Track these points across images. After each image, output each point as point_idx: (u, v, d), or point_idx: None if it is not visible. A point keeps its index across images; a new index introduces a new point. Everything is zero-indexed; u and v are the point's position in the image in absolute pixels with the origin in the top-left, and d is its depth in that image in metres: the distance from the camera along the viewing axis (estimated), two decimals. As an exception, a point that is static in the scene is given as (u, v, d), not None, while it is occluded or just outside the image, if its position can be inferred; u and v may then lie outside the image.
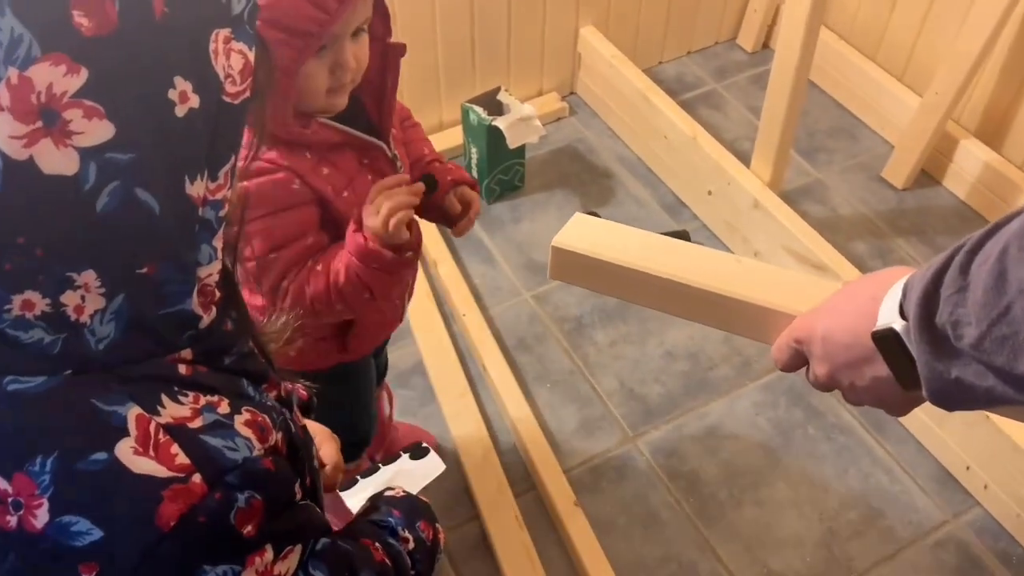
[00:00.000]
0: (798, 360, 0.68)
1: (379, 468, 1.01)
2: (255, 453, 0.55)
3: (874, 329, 0.57)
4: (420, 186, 1.01)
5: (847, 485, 1.63)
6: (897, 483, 1.64)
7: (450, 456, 1.66)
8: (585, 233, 0.81)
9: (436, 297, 1.91)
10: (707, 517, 1.59)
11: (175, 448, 0.51)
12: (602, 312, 1.91)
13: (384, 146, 1.06)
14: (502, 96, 2.05)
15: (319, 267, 1.02)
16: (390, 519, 0.79)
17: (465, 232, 1.21)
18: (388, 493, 0.84)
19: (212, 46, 0.50)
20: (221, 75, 0.51)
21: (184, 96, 0.49)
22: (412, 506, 0.82)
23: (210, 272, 0.56)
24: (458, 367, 1.77)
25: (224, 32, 0.50)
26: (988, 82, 2.06)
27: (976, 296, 0.49)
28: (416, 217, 1.03)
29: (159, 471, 0.50)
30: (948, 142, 2.11)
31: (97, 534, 0.49)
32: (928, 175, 2.18)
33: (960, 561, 1.53)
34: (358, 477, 1.00)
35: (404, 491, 0.85)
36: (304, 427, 0.71)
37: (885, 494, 1.62)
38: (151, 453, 0.51)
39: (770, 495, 1.62)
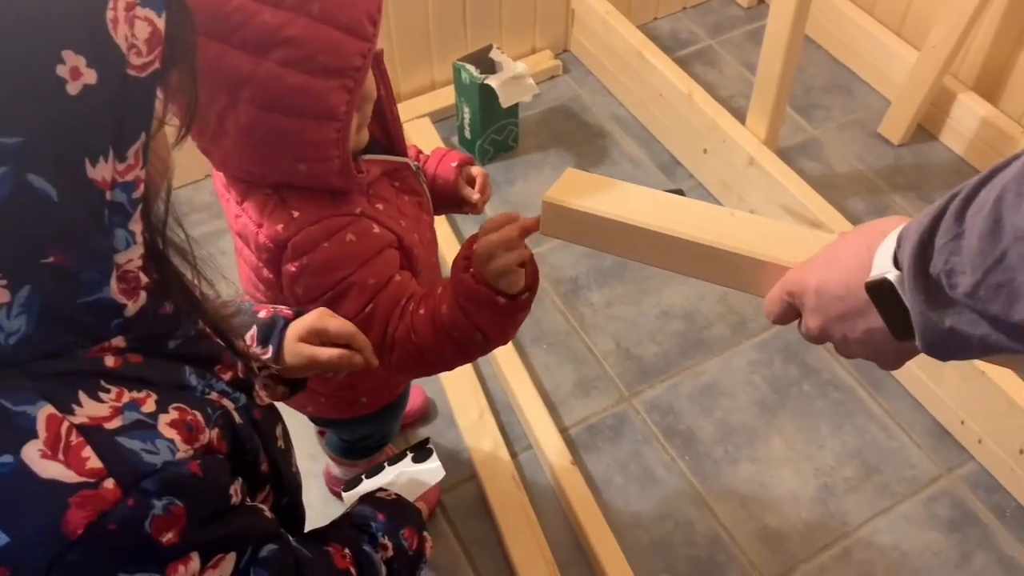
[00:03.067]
0: (791, 313, 0.68)
1: (384, 467, 1.01)
2: (178, 456, 0.53)
3: (868, 279, 0.57)
4: (534, 222, 0.86)
5: (842, 441, 1.65)
6: (892, 439, 1.65)
7: (446, 416, 1.67)
8: (577, 187, 0.81)
9: (430, 259, 1.90)
10: (703, 475, 1.61)
11: (87, 451, 0.49)
12: (598, 273, 1.91)
13: (408, 161, 1.01)
14: (494, 54, 2.03)
15: (422, 311, 0.92)
16: (373, 523, 0.77)
17: (484, 206, 1.16)
18: (379, 494, 0.82)
19: (110, 15, 0.47)
20: (123, 46, 0.48)
21: (76, 72, 0.46)
22: (400, 511, 0.80)
23: (129, 257, 0.53)
24: (453, 329, 1.77)
25: None
26: (986, 36, 2.05)
27: (971, 244, 0.49)
28: (529, 252, 0.89)
29: (67, 476, 0.48)
30: (945, 97, 2.10)
31: (3, 539, 0.47)
32: (925, 131, 2.18)
33: (955, 514, 1.55)
34: (363, 477, 1.00)
35: (396, 495, 0.83)
36: (269, 406, 0.68)
37: (880, 450, 1.64)
38: (60, 456, 0.48)
39: (765, 452, 1.64)
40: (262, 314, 0.85)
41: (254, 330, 0.84)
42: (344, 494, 0.99)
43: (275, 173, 0.88)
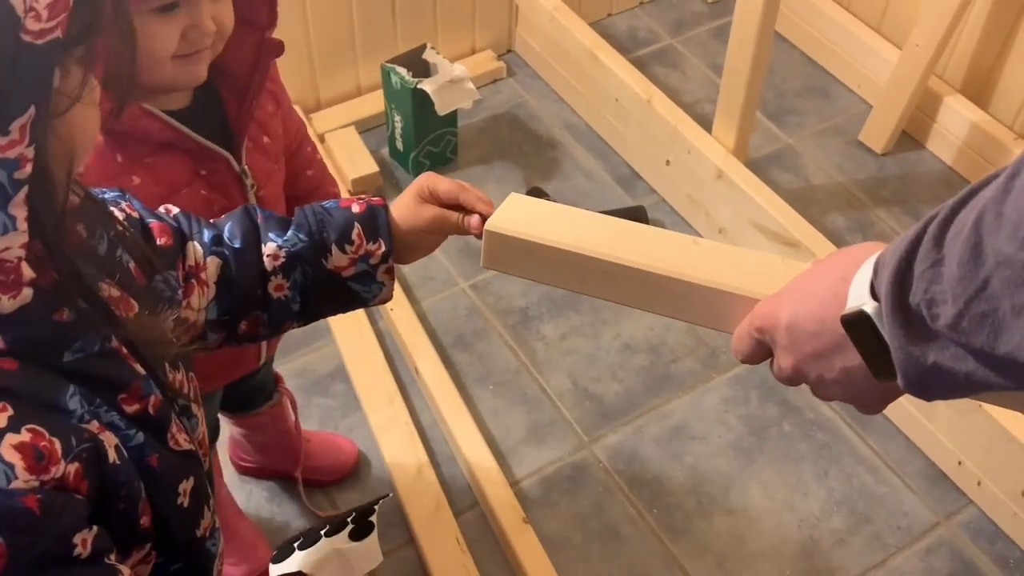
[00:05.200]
0: (761, 351, 0.69)
1: (320, 537, 1.00)
2: (13, 486, 0.51)
3: (843, 312, 0.58)
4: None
5: (828, 488, 1.67)
6: (883, 483, 1.68)
7: (379, 473, 1.65)
8: (522, 214, 0.81)
9: (358, 290, 1.89)
10: (673, 530, 1.61)
11: None
12: (550, 302, 1.91)
13: (230, 157, 1.01)
14: (429, 55, 2.04)
15: None
16: None
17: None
18: None
19: None
20: (19, 8, 0.48)
21: None
22: None
23: (7, 245, 0.52)
24: (386, 370, 1.76)
25: None
26: (973, 31, 2.11)
27: (951, 271, 0.50)
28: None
29: None
30: (931, 100, 2.17)
31: None
32: (910, 137, 2.23)
33: (954, 567, 1.58)
34: (295, 546, 0.99)
35: None
36: (185, 454, 0.67)
37: (870, 496, 1.66)
38: None
39: (743, 502, 1.65)
40: (355, 208, 0.86)
41: (358, 228, 0.85)
42: (272, 566, 0.97)
43: None
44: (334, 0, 2.06)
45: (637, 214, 2.02)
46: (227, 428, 1.53)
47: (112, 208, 0.76)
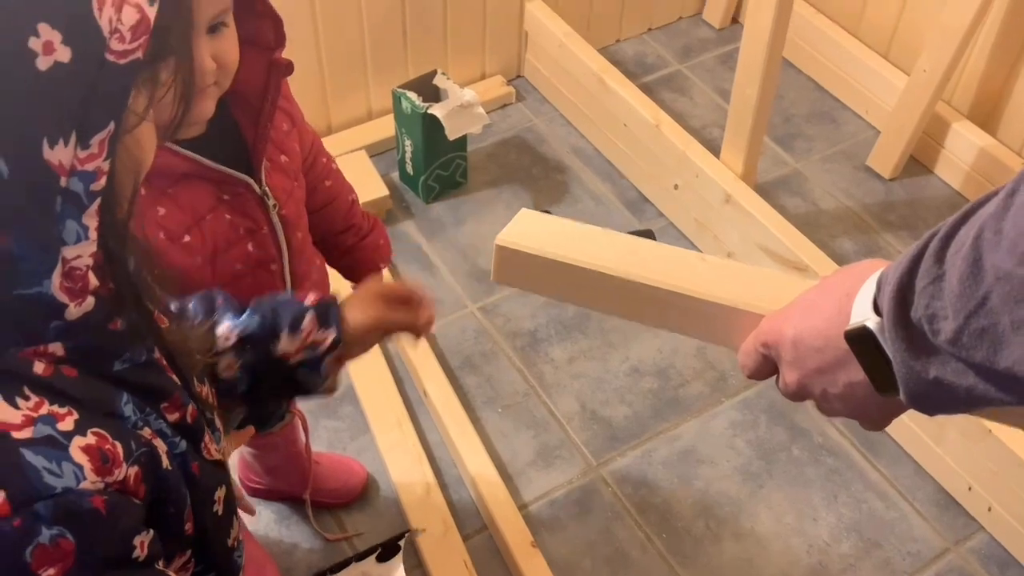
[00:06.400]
0: (767, 367, 0.69)
1: (350, 563, 1.02)
2: (82, 486, 0.53)
3: (847, 328, 0.59)
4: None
5: (838, 513, 1.66)
6: (893, 509, 1.67)
7: (387, 495, 1.65)
8: (533, 229, 0.81)
9: (367, 312, 1.90)
10: (682, 555, 1.61)
11: None
12: (559, 325, 1.92)
13: (250, 180, 1.03)
14: (439, 80, 2.06)
15: None
16: None
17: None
18: None
19: None
20: (105, 29, 0.50)
21: (49, 47, 0.48)
22: None
23: (79, 253, 0.55)
24: (394, 392, 1.77)
25: None
26: (980, 57, 2.13)
27: (952, 286, 0.51)
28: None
29: None
30: (939, 125, 2.17)
31: None
32: (918, 162, 2.24)
33: (964, 593, 1.57)
34: (327, 573, 1.01)
35: None
36: (216, 463, 0.69)
37: (880, 522, 1.65)
38: None
39: (752, 527, 1.64)
40: (309, 299, 0.91)
41: (311, 315, 0.89)
42: None
43: None
44: (346, 26, 2.08)
45: (646, 237, 2.02)
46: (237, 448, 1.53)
47: None
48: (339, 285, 1.30)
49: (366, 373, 1.79)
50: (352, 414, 1.77)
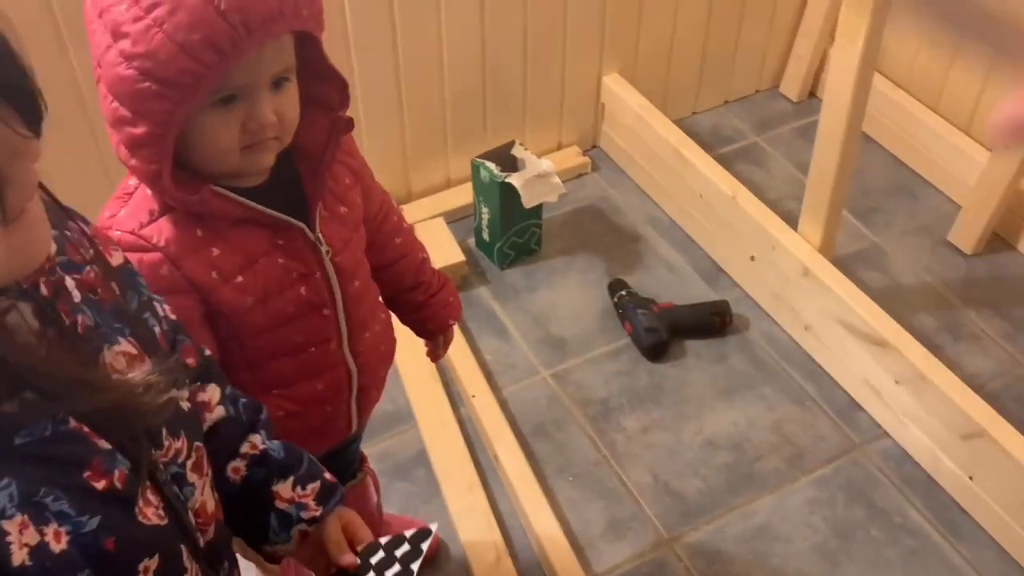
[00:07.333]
0: None
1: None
2: None
3: None
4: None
5: (918, 596, 1.61)
6: (977, 594, 1.61)
7: (457, 560, 1.65)
8: None
9: (441, 376, 1.92)
10: (756, 634, 1.57)
11: None
12: (631, 394, 1.91)
13: (304, 227, 1.06)
14: (517, 150, 2.10)
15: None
16: None
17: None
18: None
19: None
20: None
21: None
22: None
23: None
24: (466, 456, 1.77)
25: None
26: (1065, 134, 2.09)
27: None
28: None
29: None
30: (1022, 200, 2.14)
31: None
32: (1000, 238, 2.21)
33: None
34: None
35: None
36: (158, 527, 0.66)
37: (963, 607, 1.60)
38: None
39: (829, 608, 1.60)
40: (327, 475, 0.92)
41: (320, 483, 0.90)
42: None
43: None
44: (428, 96, 2.14)
45: (721, 309, 2.02)
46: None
47: (154, 302, 0.81)
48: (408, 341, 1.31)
49: (439, 437, 1.81)
50: (424, 477, 1.78)
